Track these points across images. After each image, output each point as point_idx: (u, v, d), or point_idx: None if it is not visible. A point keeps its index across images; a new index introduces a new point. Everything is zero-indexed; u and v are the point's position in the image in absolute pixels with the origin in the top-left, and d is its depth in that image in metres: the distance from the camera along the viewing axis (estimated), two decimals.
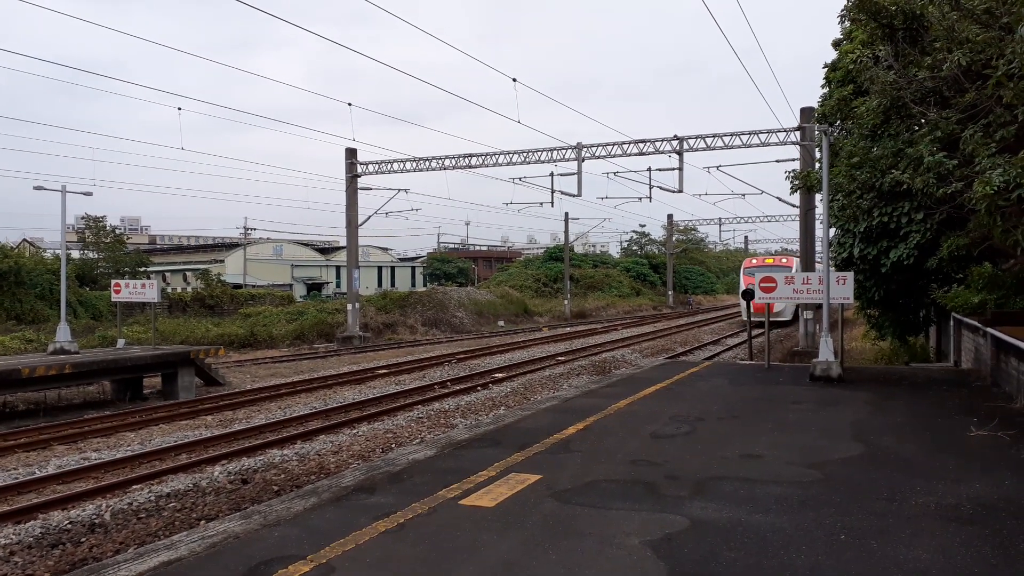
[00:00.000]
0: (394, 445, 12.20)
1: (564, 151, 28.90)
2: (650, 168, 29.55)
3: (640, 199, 35.44)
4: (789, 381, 13.02)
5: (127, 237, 55.03)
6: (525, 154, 29.45)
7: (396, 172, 32.36)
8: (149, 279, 37.17)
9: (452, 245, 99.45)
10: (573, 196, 29.44)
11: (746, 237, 52.11)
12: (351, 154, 33.05)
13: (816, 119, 21.34)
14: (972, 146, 9.47)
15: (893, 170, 11.69)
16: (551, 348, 28.45)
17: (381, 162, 32.70)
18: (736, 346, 29.72)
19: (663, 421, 9.36)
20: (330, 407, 15.57)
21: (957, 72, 10.08)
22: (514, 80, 25.59)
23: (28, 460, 11.59)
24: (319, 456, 11.46)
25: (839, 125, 17.20)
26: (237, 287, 51.53)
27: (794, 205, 28.89)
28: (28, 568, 7.17)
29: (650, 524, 5.48)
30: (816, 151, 22.75)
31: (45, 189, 19.33)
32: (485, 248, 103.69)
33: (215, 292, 44.21)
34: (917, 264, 15.00)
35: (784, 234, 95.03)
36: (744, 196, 41.31)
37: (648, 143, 27.47)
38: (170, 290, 52.37)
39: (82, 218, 49.49)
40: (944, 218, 12.86)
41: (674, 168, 27.45)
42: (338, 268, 71.74)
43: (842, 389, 12.00)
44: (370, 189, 34.37)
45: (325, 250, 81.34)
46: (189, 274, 62.53)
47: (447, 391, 17.55)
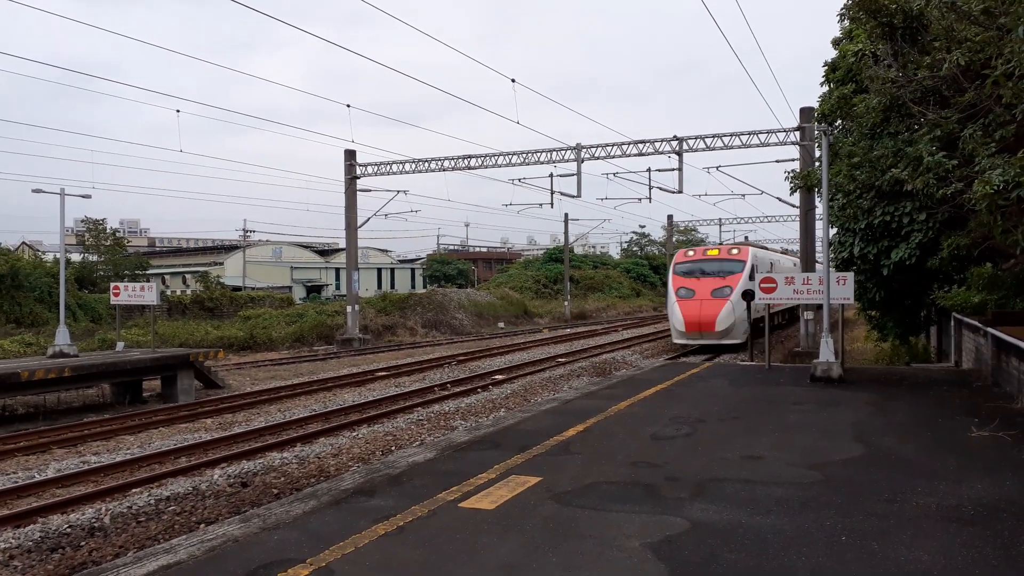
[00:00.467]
0: (394, 447, 12.18)
1: (563, 152, 28.88)
2: (649, 169, 29.55)
3: (640, 200, 35.37)
4: (790, 382, 13.01)
5: (127, 240, 55.00)
6: (524, 155, 29.43)
7: (395, 173, 32.31)
8: (148, 282, 37.16)
9: (452, 247, 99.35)
10: (572, 197, 29.41)
11: (746, 237, 52.18)
12: (350, 155, 33.00)
13: (816, 118, 21.33)
14: (972, 145, 9.45)
15: (893, 169, 11.68)
16: (551, 349, 28.44)
17: (380, 163, 32.67)
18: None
19: (663, 423, 9.34)
20: (330, 410, 15.55)
21: (956, 72, 10.07)
22: (513, 81, 25.58)
23: (27, 464, 11.58)
24: (319, 459, 11.44)
25: (839, 124, 17.20)
26: (236, 289, 51.53)
27: (794, 205, 28.88)
28: (28, 572, 7.15)
29: (650, 526, 5.46)
30: (816, 150, 22.75)
31: (44, 192, 19.32)
32: (485, 249, 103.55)
33: (214, 295, 44.21)
34: (918, 264, 14.97)
35: (784, 234, 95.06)
36: (744, 196, 41.27)
37: (647, 143, 27.44)
38: (169, 293, 52.41)
39: (82, 221, 49.48)
40: (945, 218, 12.86)
41: (674, 169, 27.43)
42: (337, 270, 71.72)
43: (843, 390, 11.99)
44: (369, 191, 34.33)
45: (324, 252, 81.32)
46: (188, 276, 62.57)
47: (447, 393, 17.53)
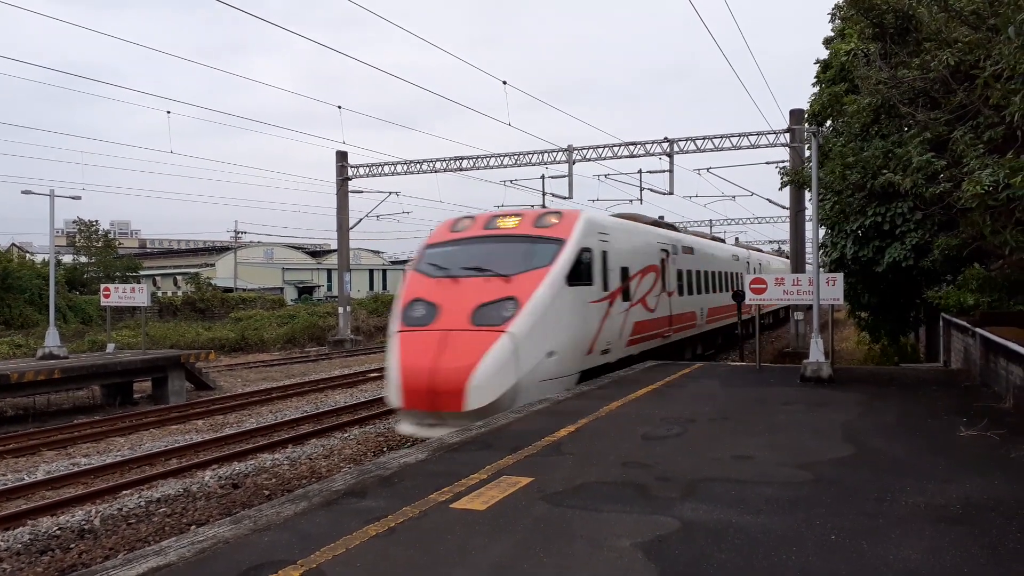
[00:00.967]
0: (385, 448, 12.17)
1: (555, 153, 28.91)
2: (640, 170, 29.66)
3: (631, 201, 35.43)
4: (780, 382, 13.04)
5: (118, 242, 54.75)
6: (516, 156, 29.44)
7: (387, 175, 32.27)
8: (139, 283, 37.00)
9: None
10: (564, 198, 29.41)
11: (736, 239, 52.30)
12: (342, 157, 32.93)
13: (807, 118, 21.44)
14: (961, 147, 9.51)
15: (884, 170, 11.73)
16: None
17: (372, 165, 32.62)
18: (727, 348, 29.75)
19: (654, 423, 9.36)
20: (321, 411, 15.53)
21: (946, 73, 10.12)
22: (504, 83, 25.62)
23: (17, 466, 11.52)
24: (310, 460, 11.43)
25: (829, 125, 17.27)
26: (228, 291, 51.37)
27: (784, 206, 29.01)
28: (17, 575, 7.11)
29: (641, 526, 5.47)
30: (805, 152, 22.84)
31: (33, 193, 19.22)
32: None
33: (206, 296, 44.09)
34: (913, 265, 15.04)
35: (774, 235, 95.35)
36: (735, 198, 41.53)
37: (638, 145, 27.51)
38: (160, 294, 52.16)
39: (74, 222, 49.28)
40: (943, 220, 12.92)
41: (664, 170, 27.52)
42: (329, 271, 71.56)
43: (832, 390, 12.03)
44: (361, 192, 34.30)
45: (316, 253, 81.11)
46: (179, 278, 62.32)
47: None
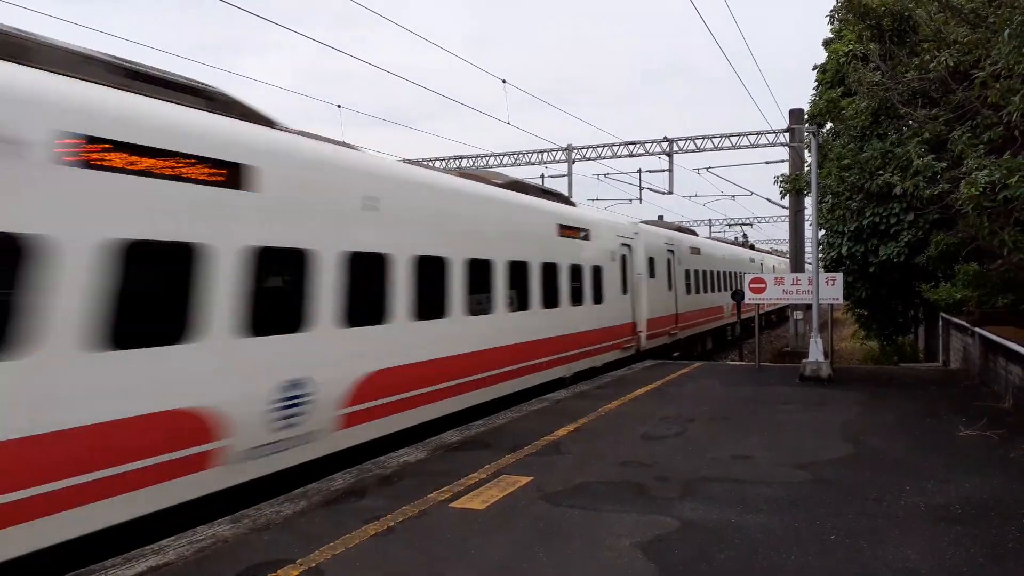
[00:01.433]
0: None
1: (554, 153, 28.93)
2: (640, 170, 29.75)
3: (631, 200, 35.48)
4: (779, 381, 13.05)
5: None
6: (515, 156, 29.45)
7: None
8: None
9: None
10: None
11: (735, 238, 52.30)
12: None
13: (806, 120, 21.45)
14: (961, 147, 9.51)
15: (881, 171, 11.74)
16: None
17: None
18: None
19: (653, 422, 9.36)
20: None
21: (945, 73, 10.13)
22: (503, 81, 25.55)
23: None
24: None
25: (830, 129, 17.28)
26: None
27: (783, 206, 29.02)
28: None
29: (640, 526, 5.47)
30: (805, 152, 22.86)
31: None
32: None
33: None
34: (906, 262, 15.05)
35: (775, 235, 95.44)
36: (734, 197, 41.55)
37: (638, 144, 27.52)
38: None
39: None
40: (935, 219, 12.92)
41: (664, 170, 27.58)
42: None
43: (832, 389, 12.04)
44: None
45: None
46: None
47: None
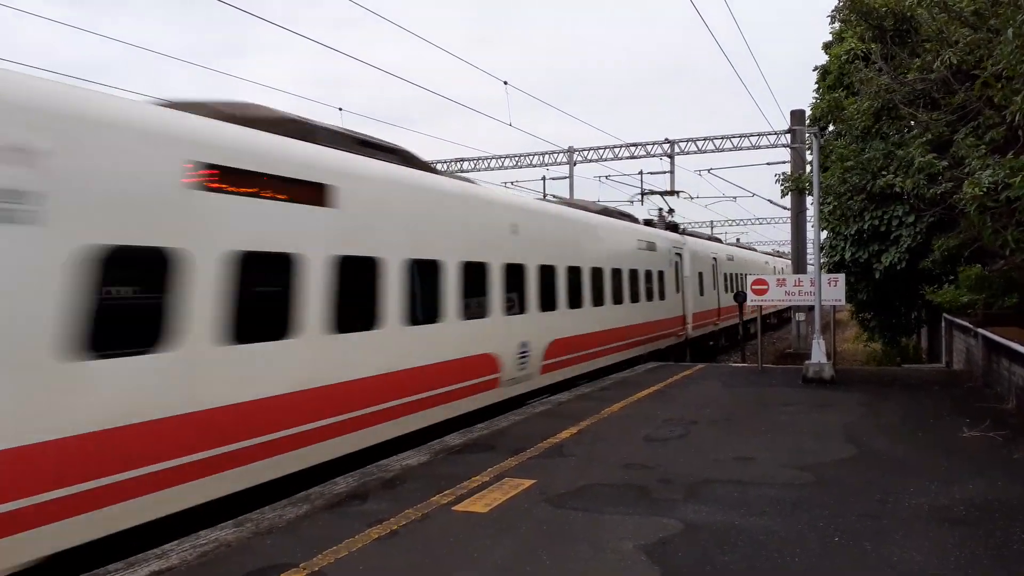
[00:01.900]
0: None
1: (556, 155, 28.96)
2: (641, 171, 29.72)
3: (632, 202, 35.48)
4: (782, 383, 13.03)
5: None
6: (517, 158, 29.47)
7: None
8: None
9: None
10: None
11: (738, 239, 52.30)
12: None
13: (808, 122, 21.44)
14: (963, 149, 9.49)
15: (883, 172, 11.72)
16: None
17: None
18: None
19: (656, 424, 9.35)
20: None
21: (947, 73, 10.12)
22: (505, 83, 25.56)
23: None
24: None
25: (832, 129, 17.27)
26: None
27: (785, 207, 29.02)
28: None
29: (644, 528, 5.46)
30: (807, 154, 22.85)
31: None
32: None
33: None
34: (908, 267, 15.03)
35: (776, 236, 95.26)
36: (735, 199, 41.49)
37: (639, 146, 27.56)
38: None
39: None
40: (935, 220, 12.90)
41: (665, 171, 27.63)
42: None
43: (834, 391, 12.02)
44: None
45: None
46: None
47: None
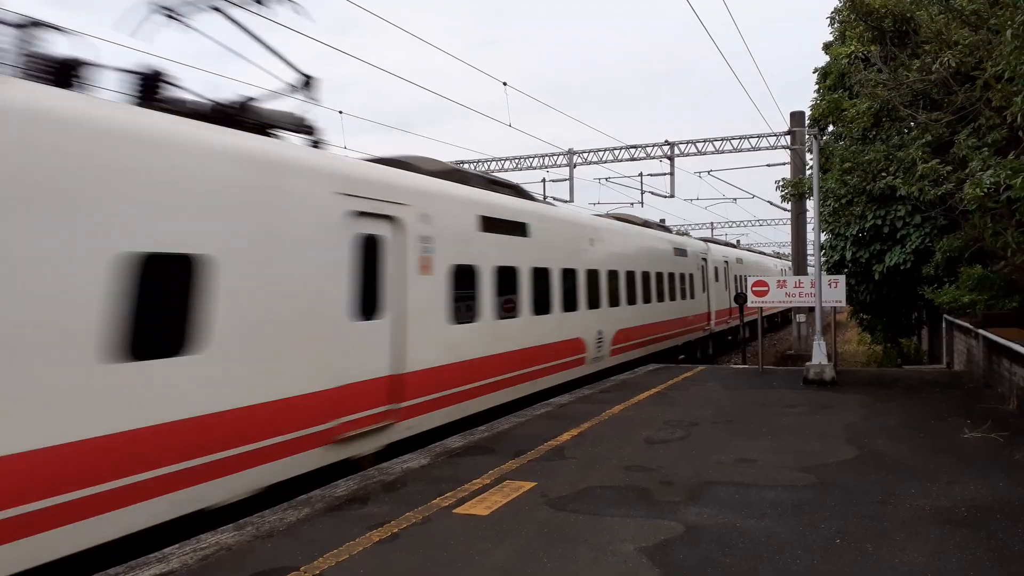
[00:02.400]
0: None
1: (556, 157, 28.93)
2: (641, 173, 29.64)
3: (632, 204, 35.38)
4: (783, 385, 13.02)
5: None
6: (517, 160, 29.46)
7: None
8: None
9: None
10: (565, 202, 29.42)
11: (738, 241, 52.26)
12: None
13: (808, 123, 21.45)
14: (965, 151, 9.49)
15: (884, 173, 11.72)
16: None
17: None
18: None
19: (657, 426, 9.34)
20: None
21: (947, 75, 10.12)
22: (504, 84, 25.53)
23: None
24: None
25: (832, 131, 17.27)
26: None
27: (785, 209, 28.98)
28: None
29: (645, 530, 5.46)
30: (807, 155, 22.85)
31: None
32: None
33: None
34: (912, 268, 15.00)
35: (776, 237, 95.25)
36: (735, 200, 41.38)
37: (639, 148, 27.53)
38: None
39: None
40: (941, 225, 12.90)
41: (665, 173, 27.54)
42: None
43: (835, 392, 12.01)
44: None
45: None
46: None
47: None
